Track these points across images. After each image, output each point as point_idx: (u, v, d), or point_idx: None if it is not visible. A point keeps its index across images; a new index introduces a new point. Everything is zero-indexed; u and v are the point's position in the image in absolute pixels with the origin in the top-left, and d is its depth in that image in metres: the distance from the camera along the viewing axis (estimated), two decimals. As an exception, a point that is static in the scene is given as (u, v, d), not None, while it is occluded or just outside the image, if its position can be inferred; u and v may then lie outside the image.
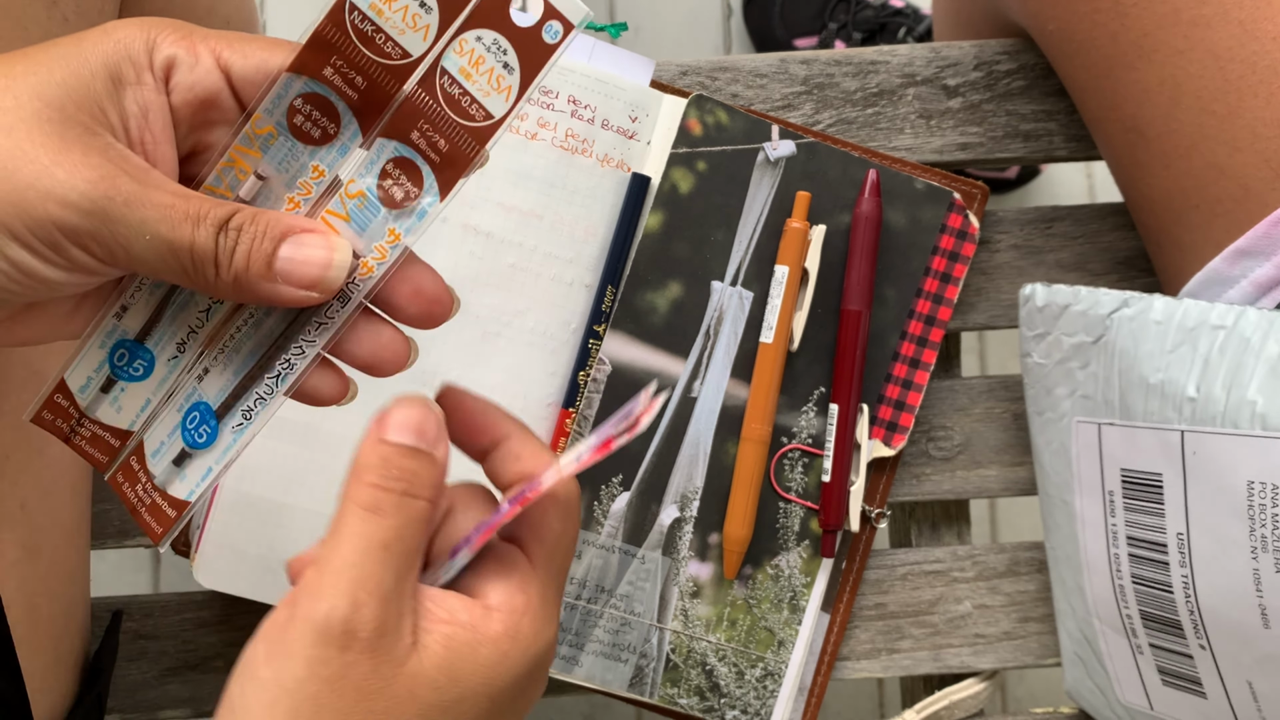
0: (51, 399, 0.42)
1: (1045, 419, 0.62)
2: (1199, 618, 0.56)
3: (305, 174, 0.38)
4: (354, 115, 0.38)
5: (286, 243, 0.36)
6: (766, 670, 0.64)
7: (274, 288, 0.36)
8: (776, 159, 0.64)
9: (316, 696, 0.34)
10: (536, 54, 0.36)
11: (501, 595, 0.37)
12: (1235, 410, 0.52)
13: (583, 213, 0.63)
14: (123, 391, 0.41)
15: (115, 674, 0.64)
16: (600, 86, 0.63)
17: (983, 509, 1.15)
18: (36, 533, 0.50)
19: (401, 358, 0.39)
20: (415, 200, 0.38)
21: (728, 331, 0.64)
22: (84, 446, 0.42)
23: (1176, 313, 0.55)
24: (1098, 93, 0.60)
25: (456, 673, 0.36)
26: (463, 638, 0.36)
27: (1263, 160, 0.54)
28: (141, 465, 0.41)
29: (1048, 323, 0.60)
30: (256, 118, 0.38)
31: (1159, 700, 0.60)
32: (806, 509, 0.64)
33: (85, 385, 0.41)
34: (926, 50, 0.67)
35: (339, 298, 0.38)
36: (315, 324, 0.39)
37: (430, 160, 0.37)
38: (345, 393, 0.40)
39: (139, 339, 0.41)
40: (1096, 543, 0.60)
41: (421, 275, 0.39)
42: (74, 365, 0.41)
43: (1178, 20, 0.55)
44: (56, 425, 0.42)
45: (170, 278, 0.36)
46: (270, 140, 0.38)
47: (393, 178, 0.38)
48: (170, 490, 0.41)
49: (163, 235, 0.35)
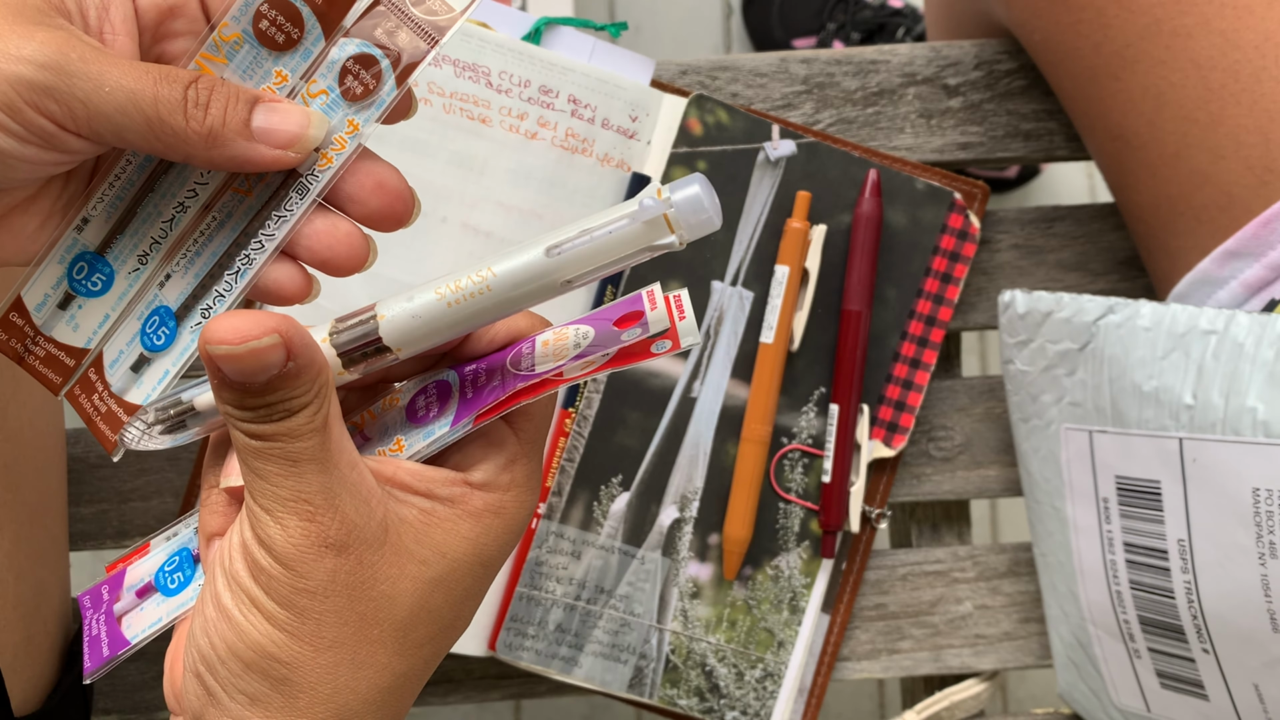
0: (6, 318, 0.41)
1: (1031, 426, 0.62)
2: (1203, 622, 0.55)
3: (269, 80, 0.39)
4: (317, 19, 0.39)
5: (260, 108, 0.37)
6: (766, 671, 0.64)
7: (250, 145, 0.36)
8: (777, 159, 0.64)
9: (308, 611, 0.35)
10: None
11: (488, 474, 0.37)
12: (1235, 417, 0.52)
13: (583, 212, 0.63)
14: (80, 309, 0.41)
15: (113, 675, 0.64)
16: (600, 86, 0.63)
17: (983, 509, 1.15)
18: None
19: (360, 254, 0.39)
20: (374, 93, 0.39)
21: (728, 331, 0.64)
22: (37, 367, 0.41)
23: (1165, 318, 0.55)
24: (1084, 101, 0.61)
25: (441, 546, 0.36)
26: (443, 512, 0.36)
27: (1246, 167, 0.54)
28: (100, 376, 0.41)
29: (1030, 329, 0.60)
30: (224, 24, 0.38)
31: (1157, 703, 0.60)
32: (806, 509, 0.64)
33: (42, 302, 0.41)
34: (927, 50, 0.67)
35: (297, 189, 0.39)
36: (275, 217, 0.39)
37: (390, 54, 0.38)
38: (309, 290, 0.40)
39: (99, 251, 0.40)
40: (1091, 549, 0.60)
41: (384, 170, 0.39)
42: (32, 281, 0.40)
43: (1159, 31, 0.56)
44: (10, 345, 0.41)
45: (133, 136, 0.36)
46: (236, 47, 0.39)
47: (353, 74, 0.39)
48: (127, 397, 0.40)
49: (124, 85, 0.35)
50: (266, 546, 0.35)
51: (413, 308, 0.36)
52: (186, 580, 0.40)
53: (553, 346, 0.37)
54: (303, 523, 0.34)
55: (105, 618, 0.41)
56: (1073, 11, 0.58)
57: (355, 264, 0.39)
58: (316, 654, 0.35)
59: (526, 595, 0.62)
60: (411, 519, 0.36)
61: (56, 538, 0.57)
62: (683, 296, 0.36)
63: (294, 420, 0.35)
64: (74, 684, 0.56)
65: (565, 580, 0.63)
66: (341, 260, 0.39)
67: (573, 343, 0.37)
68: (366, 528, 0.35)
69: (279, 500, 0.35)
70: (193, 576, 0.40)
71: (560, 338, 0.37)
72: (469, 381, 0.38)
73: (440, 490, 0.36)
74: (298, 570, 0.35)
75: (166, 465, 0.64)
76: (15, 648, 0.52)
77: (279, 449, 0.35)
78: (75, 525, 0.64)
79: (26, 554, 0.53)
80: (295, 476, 0.35)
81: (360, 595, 0.35)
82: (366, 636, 0.36)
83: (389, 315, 0.36)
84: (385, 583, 0.36)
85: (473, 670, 0.66)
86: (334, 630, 0.35)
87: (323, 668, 0.35)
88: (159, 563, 0.41)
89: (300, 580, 0.35)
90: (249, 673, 0.35)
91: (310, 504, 0.35)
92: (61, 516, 0.59)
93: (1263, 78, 0.54)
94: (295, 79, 0.39)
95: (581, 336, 0.37)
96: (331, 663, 0.35)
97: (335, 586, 0.35)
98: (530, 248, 0.35)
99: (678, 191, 0.34)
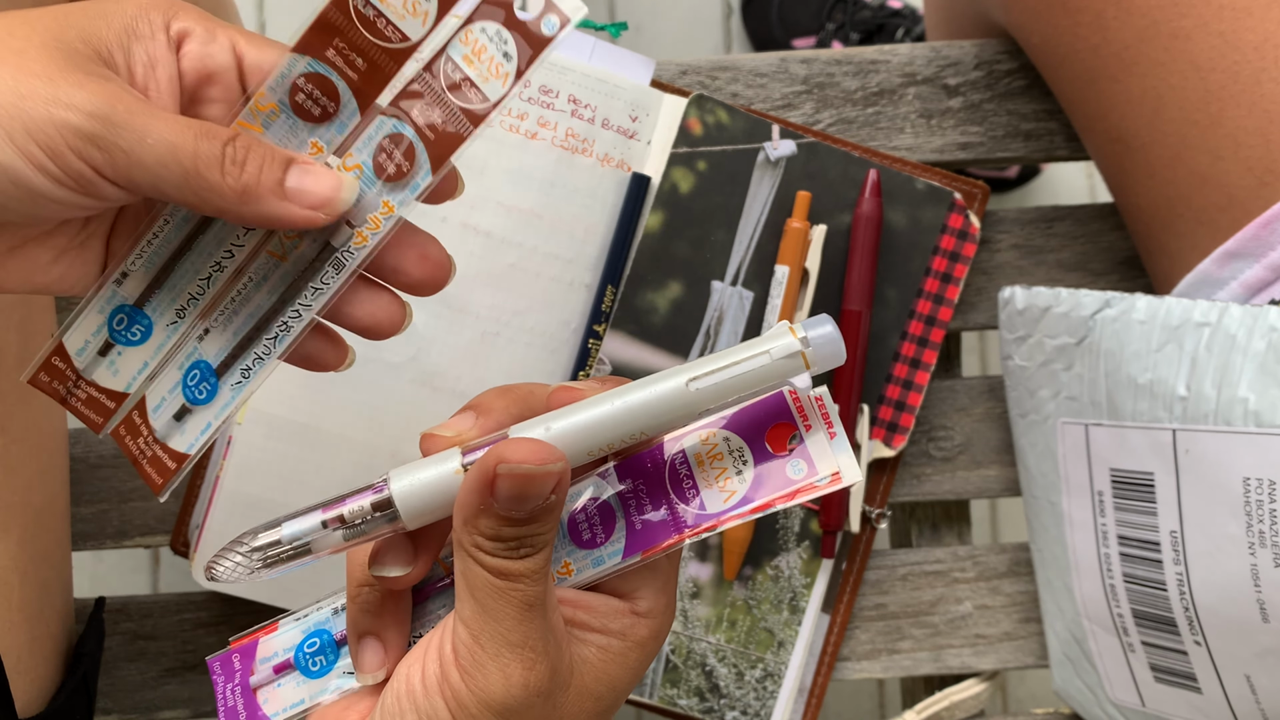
0: (49, 361, 0.43)
1: (1029, 421, 0.62)
2: (1194, 614, 0.56)
3: (304, 150, 0.40)
4: (353, 94, 0.40)
5: (294, 168, 0.38)
6: (766, 671, 0.64)
7: (283, 204, 0.37)
8: (777, 159, 0.64)
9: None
10: (534, 44, 0.39)
11: (651, 600, 0.37)
12: (1227, 408, 0.52)
13: (583, 212, 0.63)
14: (119, 355, 0.43)
15: (114, 675, 0.64)
16: (601, 86, 0.63)
17: (983, 509, 1.15)
18: (2, 510, 0.50)
19: (399, 319, 0.41)
20: (408, 175, 0.40)
21: (728, 331, 0.64)
22: (80, 408, 0.43)
23: (1160, 311, 0.55)
24: (1083, 103, 0.61)
25: (613, 680, 0.36)
26: (617, 647, 0.36)
27: (1246, 168, 0.54)
28: (143, 420, 0.43)
29: (1028, 325, 0.60)
30: (260, 94, 0.40)
31: (1151, 697, 0.60)
32: (807, 510, 0.64)
33: (83, 348, 0.43)
34: (927, 50, 0.67)
35: (333, 264, 0.40)
36: (311, 289, 0.41)
37: (425, 138, 0.39)
38: (344, 359, 0.42)
39: (138, 304, 0.42)
40: (1085, 543, 0.60)
41: (427, 242, 0.41)
42: (72, 329, 0.42)
43: (1158, 33, 0.56)
44: (53, 387, 0.43)
45: (169, 188, 0.37)
46: (272, 116, 0.40)
47: (387, 153, 0.40)
48: (170, 443, 0.43)
49: (166, 138, 0.36)
50: (481, 693, 0.34)
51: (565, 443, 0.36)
52: (329, 665, 0.41)
53: (706, 459, 0.38)
54: (524, 671, 0.34)
55: (241, 690, 0.41)
56: (1071, 14, 0.58)
57: (395, 329, 0.41)
58: None
59: (527, 595, 0.62)
60: (591, 658, 0.36)
61: (60, 539, 0.58)
62: (826, 402, 0.38)
63: (537, 559, 0.34)
64: (78, 685, 0.56)
65: (565, 580, 0.63)
66: (384, 328, 0.41)
67: (726, 451, 0.38)
68: (562, 672, 0.35)
69: (508, 645, 0.34)
70: (335, 661, 0.41)
71: (711, 448, 0.38)
72: (630, 504, 0.38)
73: (613, 625, 0.36)
74: (502, 703, 0.34)
75: (167, 465, 0.64)
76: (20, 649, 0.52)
77: (520, 591, 0.34)
78: (76, 525, 0.64)
79: (31, 555, 0.53)
80: (527, 622, 0.34)
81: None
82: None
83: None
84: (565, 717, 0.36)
85: (473, 670, 0.66)
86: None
87: None
88: (295, 640, 0.41)
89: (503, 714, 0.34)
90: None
91: (534, 651, 0.34)
92: (64, 518, 0.59)
93: (1262, 79, 0.54)
94: (330, 151, 0.40)
95: (734, 448, 0.38)
96: None
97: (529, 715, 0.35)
98: (670, 377, 0.36)
99: (813, 330, 0.36)
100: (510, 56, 0.39)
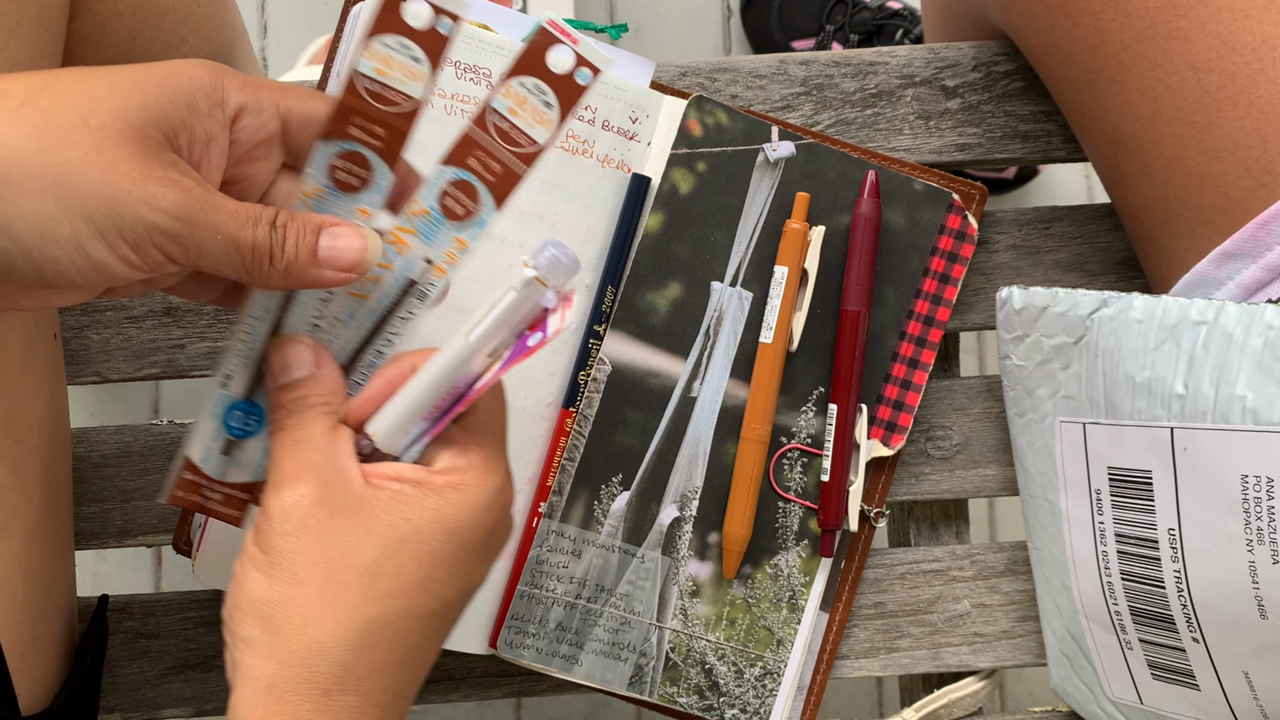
0: (181, 478, 0.48)
1: (1027, 420, 0.62)
2: (1192, 611, 0.56)
3: (353, 217, 0.46)
4: (380, 158, 0.46)
5: (324, 234, 0.44)
6: (765, 669, 0.64)
7: (319, 272, 0.44)
8: (776, 160, 0.64)
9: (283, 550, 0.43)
10: (570, 93, 0.46)
11: (444, 461, 0.45)
12: (1225, 405, 0.52)
13: (583, 213, 0.63)
14: (241, 450, 0.48)
15: (117, 674, 0.64)
16: (600, 87, 0.63)
17: (981, 508, 1.15)
18: (6, 509, 0.51)
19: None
20: (474, 213, 0.47)
21: (727, 332, 0.64)
22: (219, 510, 0.49)
23: (1157, 310, 0.55)
24: (1080, 104, 0.61)
25: (406, 513, 0.43)
26: (409, 490, 0.44)
27: (1243, 169, 0.54)
28: (195, 474, 0.48)
29: (1026, 325, 0.61)
30: (303, 184, 0.46)
31: (1149, 695, 0.61)
32: (806, 509, 0.64)
33: (206, 455, 0.48)
34: (925, 51, 0.68)
35: (416, 295, 0.47)
36: (399, 319, 0.48)
37: (485, 180, 0.46)
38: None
39: (248, 397, 0.48)
40: (1083, 541, 0.60)
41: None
42: (192, 441, 0.48)
43: (1155, 34, 0.56)
44: (190, 500, 0.49)
45: (228, 270, 0.43)
46: (321, 198, 0.46)
47: (453, 196, 0.46)
48: (229, 478, 0.49)
49: (232, 235, 0.42)
50: (265, 511, 0.43)
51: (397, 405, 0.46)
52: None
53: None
54: (296, 485, 0.43)
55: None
56: (1069, 15, 0.58)
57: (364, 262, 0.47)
58: (291, 589, 0.42)
59: (527, 594, 0.63)
60: (384, 496, 0.44)
61: (63, 537, 0.58)
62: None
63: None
64: (80, 683, 0.56)
65: (566, 579, 0.63)
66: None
67: (499, 360, 0.45)
68: (344, 495, 0.43)
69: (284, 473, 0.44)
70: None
71: (487, 366, 0.46)
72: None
73: (408, 475, 0.45)
74: (276, 517, 0.43)
75: (168, 465, 0.65)
76: (23, 647, 0.52)
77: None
78: (78, 524, 0.64)
79: (35, 554, 0.53)
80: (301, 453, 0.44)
81: (329, 542, 0.43)
82: (335, 578, 0.42)
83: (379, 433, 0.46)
84: (353, 535, 0.43)
85: (474, 668, 0.66)
86: (304, 568, 0.42)
87: (295, 601, 0.42)
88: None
89: (277, 524, 0.43)
90: (246, 619, 0.43)
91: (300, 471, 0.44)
92: (68, 516, 0.59)
93: (1259, 80, 0.54)
94: (378, 209, 0.46)
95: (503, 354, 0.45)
96: (303, 596, 0.42)
97: (306, 530, 0.43)
98: (455, 338, 0.44)
99: (539, 256, 0.43)
100: (551, 105, 0.46)
